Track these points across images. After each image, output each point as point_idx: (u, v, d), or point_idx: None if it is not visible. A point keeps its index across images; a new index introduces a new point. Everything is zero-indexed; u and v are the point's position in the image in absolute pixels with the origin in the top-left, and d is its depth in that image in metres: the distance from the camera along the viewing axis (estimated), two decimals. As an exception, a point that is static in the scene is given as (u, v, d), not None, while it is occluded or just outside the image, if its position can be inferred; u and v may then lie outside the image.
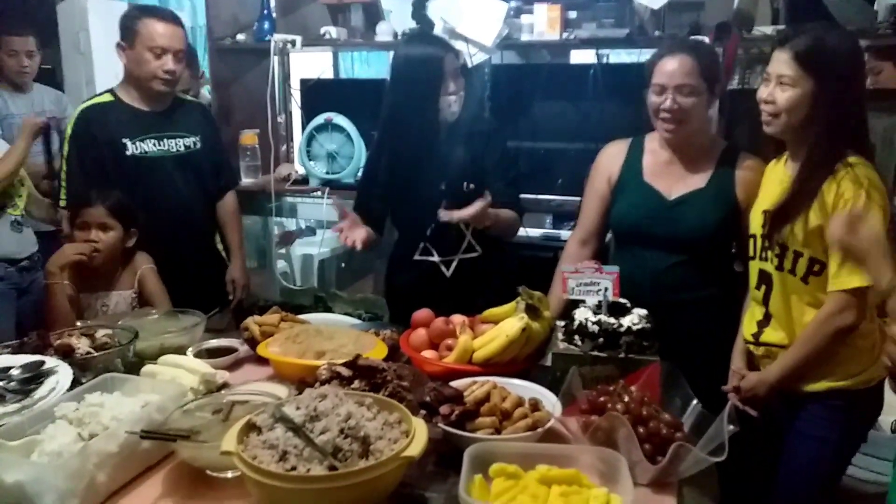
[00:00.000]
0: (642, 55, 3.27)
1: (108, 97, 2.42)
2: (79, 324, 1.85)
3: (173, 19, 2.37)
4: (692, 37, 2.43)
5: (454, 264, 2.22)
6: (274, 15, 3.08)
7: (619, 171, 2.01)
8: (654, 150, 1.99)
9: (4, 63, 3.24)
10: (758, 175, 1.87)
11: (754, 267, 1.76)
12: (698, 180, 1.91)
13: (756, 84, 2.82)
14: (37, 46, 3.31)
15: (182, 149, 2.44)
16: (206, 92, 3.56)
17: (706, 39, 2.18)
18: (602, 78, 2.77)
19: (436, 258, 2.22)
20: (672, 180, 1.95)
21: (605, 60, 2.85)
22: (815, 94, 1.58)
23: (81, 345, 1.66)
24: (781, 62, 1.60)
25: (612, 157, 2.04)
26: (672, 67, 1.83)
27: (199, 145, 2.48)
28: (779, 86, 1.61)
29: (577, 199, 2.66)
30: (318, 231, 3.88)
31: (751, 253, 1.76)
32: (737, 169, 1.91)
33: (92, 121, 2.35)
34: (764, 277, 1.73)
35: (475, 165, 2.13)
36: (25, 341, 1.72)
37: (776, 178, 1.74)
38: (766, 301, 1.73)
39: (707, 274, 1.91)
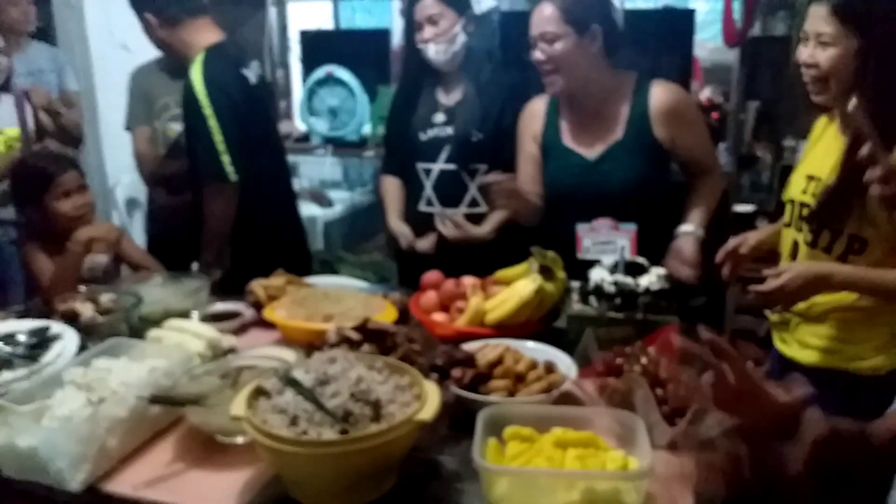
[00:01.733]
0: (659, 0, 3.18)
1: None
2: (82, 288, 1.82)
3: None
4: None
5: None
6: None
7: (542, 134, 1.95)
8: (567, 107, 1.93)
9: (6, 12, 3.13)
10: (675, 103, 1.82)
11: (787, 235, 1.61)
12: (615, 132, 1.84)
13: (778, 31, 2.74)
14: (31, 4, 3.21)
15: None
16: None
17: None
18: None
19: (438, 209, 2.16)
20: (590, 138, 1.88)
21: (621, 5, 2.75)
22: (862, 54, 1.36)
23: (86, 310, 1.65)
24: (818, 18, 1.41)
25: (533, 116, 1.98)
26: (536, 17, 1.80)
27: None
28: (819, 45, 1.41)
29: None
30: (322, 190, 3.83)
31: (786, 219, 1.62)
32: (650, 106, 1.83)
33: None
34: (794, 248, 1.59)
35: (484, 116, 2.07)
36: (30, 307, 1.71)
37: (825, 145, 1.55)
38: None
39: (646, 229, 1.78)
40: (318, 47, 3.18)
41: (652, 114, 1.82)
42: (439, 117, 2.14)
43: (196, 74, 2.07)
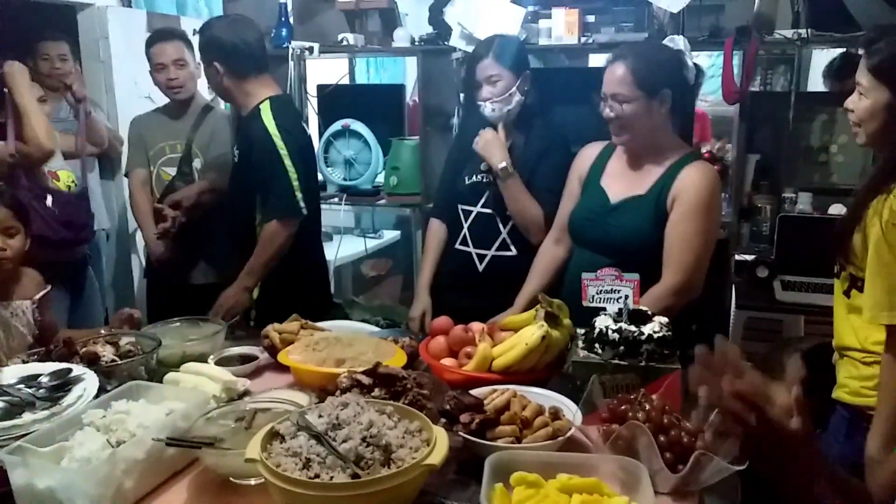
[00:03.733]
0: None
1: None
2: (102, 331, 1.87)
3: None
4: (643, 38, 2.46)
5: (487, 259, 2.25)
6: (291, 21, 3.10)
7: (588, 172, 2.04)
8: (619, 154, 2.01)
9: (38, 67, 3.28)
10: (697, 182, 1.83)
11: None
12: (642, 186, 1.91)
13: (778, 86, 2.82)
14: (70, 53, 3.37)
15: None
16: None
17: (678, 42, 2.07)
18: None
19: (471, 249, 2.28)
20: (622, 184, 1.96)
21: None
22: (891, 107, 1.48)
23: (106, 352, 1.68)
24: (861, 69, 1.53)
25: (585, 159, 2.07)
26: (608, 77, 1.87)
27: None
28: (859, 95, 1.54)
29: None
30: (335, 237, 3.90)
31: None
32: (678, 176, 1.87)
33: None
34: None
35: (524, 166, 2.21)
36: (52, 349, 1.75)
37: None
38: None
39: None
40: (335, 101, 3.30)
41: (674, 184, 1.87)
42: (485, 164, 2.25)
43: (268, 118, 2.27)
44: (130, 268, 3.68)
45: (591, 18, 2.68)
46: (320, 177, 3.21)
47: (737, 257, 2.47)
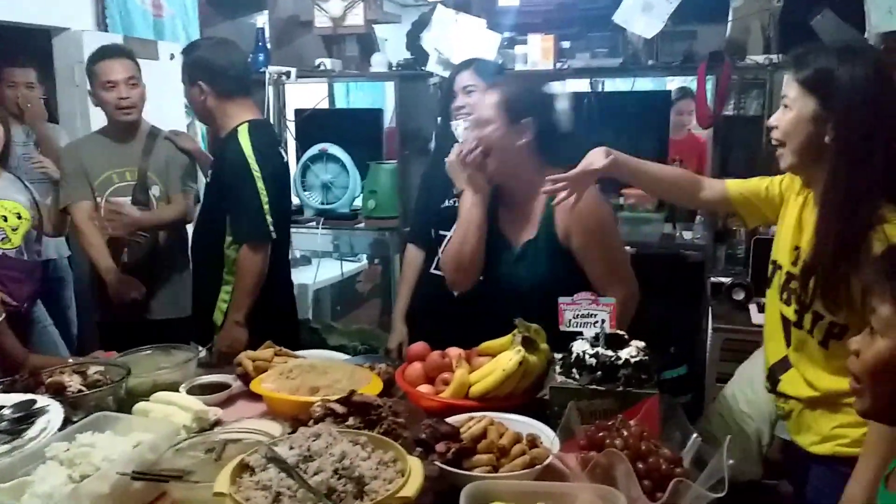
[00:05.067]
0: (637, 83, 3.32)
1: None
2: (71, 360, 1.82)
3: None
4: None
5: None
6: (269, 46, 3.10)
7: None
8: (500, 194, 1.94)
9: (4, 94, 3.25)
10: (578, 208, 1.71)
11: (773, 302, 1.59)
12: (530, 229, 1.86)
13: (751, 110, 2.86)
14: (37, 79, 3.33)
15: None
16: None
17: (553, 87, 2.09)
18: (597, 105, 2.80)
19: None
20: (517, 229, 1.90)
21: (599, 89, 2.89)
22: (817, 118, 1.39)
23: (73, 382, 1.64)
24: (788, 83, 1.45)
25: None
26: (475, 104, 1.88)
27: None
28: (783, 108, 1.46)
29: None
30: (314, 260, 3.88)
31: (771, 286, 1.60)
32: (556, 208, 1.78)
33: None
34: (784, 322, 1.55)
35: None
36: (17, 379, 1.70)
37: (804, 216, 1.53)
38: (787, 343, 1.54)
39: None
40: (313, 125, 3.29)
41: (556, 216, 1.82)
42: (457, 189, 2.20)
43: (244, 140, 2.23)
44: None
45: (566, 44, 2.71)
46: (297, 200, 3.20)
47: (712, 280, 2.48)
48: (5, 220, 2.47)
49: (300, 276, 3.85)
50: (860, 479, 1.29)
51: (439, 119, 2.54)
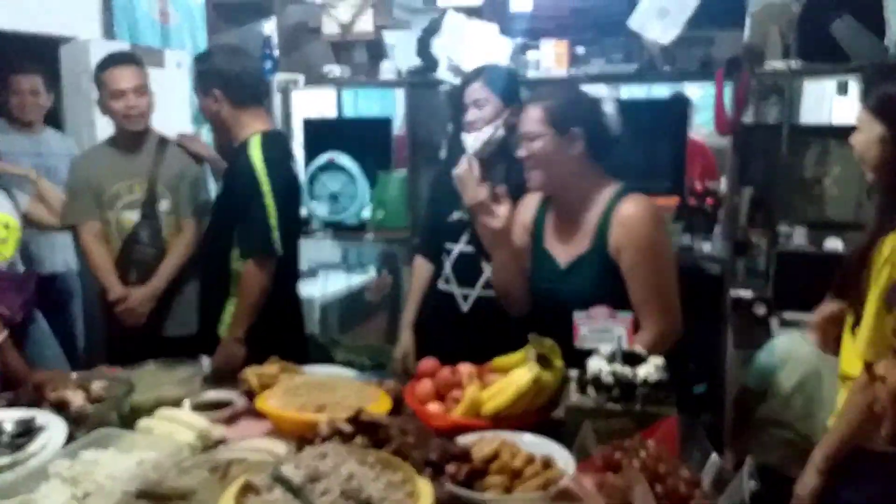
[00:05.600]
0: (653, 90, 3.28)
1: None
2: (74, 375, 1.79)
3: None
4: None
5: (471, 299, 2.19)
6: (276, 53, 3.08)
7: (532, 227, 1.96)
8: (552, 209, 1.92)
9: (10, 102, 3.24)
10: (635, 223, 1.74)
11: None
12: (583, 242, 1.82)
13: (770, 117, 2.81)
14: (44, 87, 3.31)
15: None
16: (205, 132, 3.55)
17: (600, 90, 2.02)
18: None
19: (454, 288, 2.18)
20: (565, 244, 1.87)
21: (616, 96, 2.84)
22: (884, 140, 1.52)
23: (77, 398, 1.61)
24: (860, 107, 1.60)
25: (527, 209, 1.97)
26: (523, 117, 1.84)
27: None
28: (858, 130, 1.58)
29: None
30: (321, 272, 3.83)
31: None
32: (612, 221, 1.77)
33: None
34: None
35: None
36: (20, 394, 1.68)
37: None
38: None
39: None
40: (321, 135, 3.25)
41: (610, 231, 1.78)
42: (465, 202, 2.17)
43: (255, 152, 2.18)
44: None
45: (580, 50, 2.67)
46: (305, 211, 3.16)
47: (732, 294, 2.42)
48: None
49: (306, 288, 3.80)
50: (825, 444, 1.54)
51: (450, 128, 2.51)
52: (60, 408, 1.58)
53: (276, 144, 2.30)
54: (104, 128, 3.32)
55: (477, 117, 2.15)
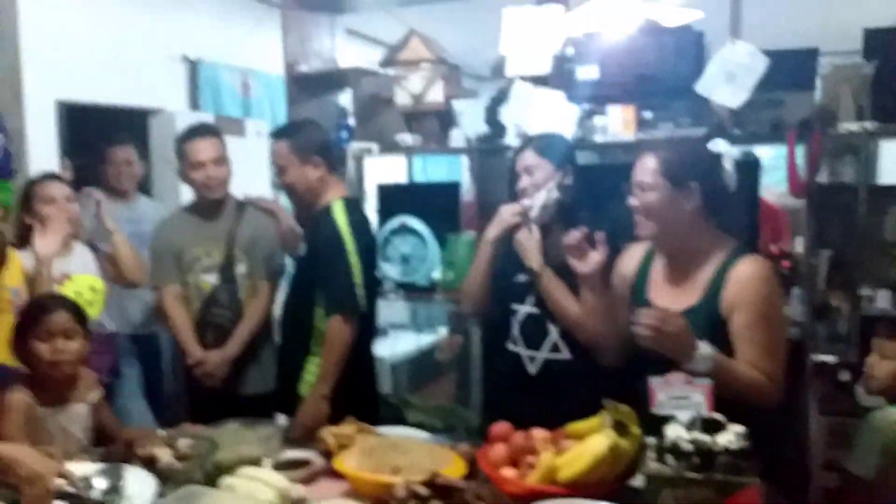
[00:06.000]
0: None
1: None
2: (161, 433, 1.87)
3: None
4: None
5: (539, 362, 2.18)
6: (351, 123, 3.22)
7: (633, 279, 1.95)
8: (660, 260, 1.91)
9: (107, 172, 3.46)
10: (755, 284, 1.71)
11: None
12: (692, 295, 1.78)
13: (846, 177, 2.74)
14: (136, 157, 3.54)
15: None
16: None
17: (719, 144, 1.93)
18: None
19: (521, 349, 2.20)
20: (671, 297, 1.84)
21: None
22: None
23: (164, 455, 1.67)
24: None
25: (628, 260, 1.97)
26: (637, 167, 1.84)
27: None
28: None
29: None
30: (391, 332, 3.89)
31: None
32: (729, 276, 1.75)
33: None
34: None
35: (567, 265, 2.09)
36: (111, 450, 1.75)
37: None
38: None
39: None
40: (393, 199, 3.35)
41: (727, 279, 1.75)
42: (528, 265, 2.17)
43: (340, 215, 2.32)
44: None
45: (648, 115, 2.69)
46: (377, 273, 3.25)
47: (814, 359, 2.33)
48: (80, 295, 2.46)
49: (377, 348, 3.87)
50: None
51: (508, 194, 2.53)
52: (149, 464, 1.64)
53: (357, 208, 2.44)
54: (188, 194, 3.53)
55: (528, 183, 2.16)
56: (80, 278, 2.53)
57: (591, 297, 1.91)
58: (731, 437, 1.48)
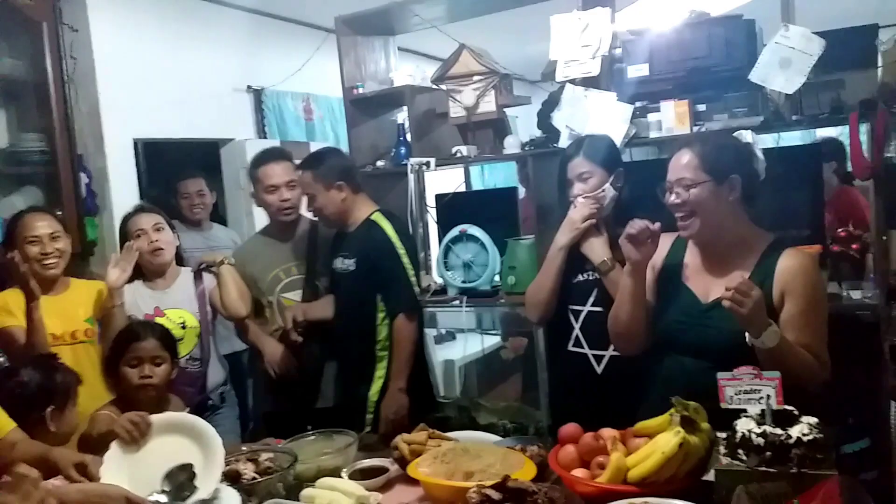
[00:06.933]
0: (782, 139, 3.17)
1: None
2: (244, 448, 1.96)
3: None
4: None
5: (605, 360, 2.19)
6: (409, 138, 3.29)
7: (662, 266, 1.95)
8: (693, 250, 1.92)
9: (180, 204, 3.67)
10: (805, 272, 1.75)
11: None
12: (734, 282, 1.74)
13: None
14: (207, 187, 3.74)
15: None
16: None
17: (746, 135, 1.96)
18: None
19: (586, 350, 2.21)
20: (709, 282, 1.85)
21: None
22: None
23: (247, 470, 1.76)
24: None
25: (658, 249, 1.95)
26: (674, 164, 1.83)
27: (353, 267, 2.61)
28: None
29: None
30: (459, 336, 3.95)
31: None
32: (777, 267, 1.78)
33: None
34: None
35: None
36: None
37: None
38: None
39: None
40: (452, 207, 3.42)
41: (777, 269, 1.78)
42: (590, 263, 2.24)
43: (386, 225, 2.55)
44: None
45: (702, 107, 2.66)
46: (441, 280, 3.31)
47: (892, 342, 2.24)
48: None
49: (447, 352, 3.95)
50: None
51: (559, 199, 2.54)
52: (234, 480, 1.73)
53: (397, 218, 2.64)
54: (260, 217, 3.70)
55: (582, 190, 2.22)
56: (174, 313, 2.62)
57: (631, 284, 1.92)
58: (804, 428, 1.46)
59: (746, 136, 1.94)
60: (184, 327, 2.61)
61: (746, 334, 1.68)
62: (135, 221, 2.65)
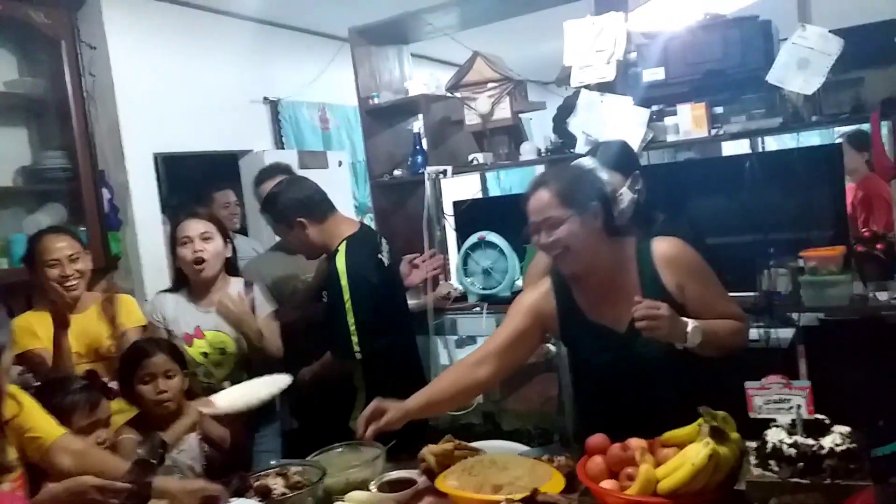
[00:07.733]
0: (802, 139, 3.15)
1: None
2: (273, 463, 1.98)
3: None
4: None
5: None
6: (425, 146, 3.30)
7: (555, 314, 1.93)
8: (575, 284, 1.89)
9: (220, 214, 3.67)
10: (676, 253, 1.82)
11: None
12: (634, 295, 1.74)
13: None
14: (235, 197, 3.77)
15: None
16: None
17: (587, 162, 2.05)
18: (759, 167, 2.68)
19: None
20: (615, 310, 1.83)
21: (760, 149, 2.77)
22: None
23: (277, 485, 1.78)
24: None
25: (537, 294, 1.95)
26: (534, 206, 1.81)
27: None
28: None
29: (747, 294, 2.54)
30: (479, 341, 3.95)
31: None
32: (655, 262, 1.83)
33: None
34: None
35: None
36: (229, 483, 1.87)
37: None
38: None
39: (691, 371, 1.77)
40: (470, 215, 3.43)
41: (658, 268, 1.82)
42: None
43: (340, 259, 2.35)
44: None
45: (719, 110, 2.65)
46: (461, 287, 3.31)
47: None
48: (206, 356, 2.47)
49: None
50: None
51: None
52: (264, 495, 1.74)
53: (360, 247, 2.41)
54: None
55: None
56: (214, 337, 2.49)
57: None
58: (836, 438, 1.45)
59: (587, 162, 2.03)
60: (223, 353, 2.51)
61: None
62: (182, 228, 2.51)
